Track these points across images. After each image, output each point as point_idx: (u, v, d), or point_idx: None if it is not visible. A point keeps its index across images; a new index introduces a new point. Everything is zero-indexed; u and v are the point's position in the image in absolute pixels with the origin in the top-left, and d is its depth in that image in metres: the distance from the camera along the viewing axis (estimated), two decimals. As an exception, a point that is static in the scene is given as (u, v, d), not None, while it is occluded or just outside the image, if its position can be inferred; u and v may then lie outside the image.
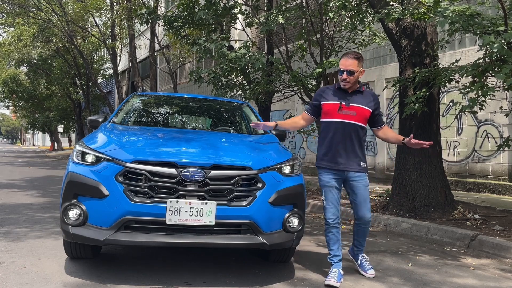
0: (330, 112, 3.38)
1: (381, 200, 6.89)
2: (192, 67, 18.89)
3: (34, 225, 5.03)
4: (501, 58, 4.36)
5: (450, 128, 8.89)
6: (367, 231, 3.50)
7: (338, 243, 3.38)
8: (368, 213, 3.40)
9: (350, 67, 3.30)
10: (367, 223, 3.44)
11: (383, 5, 5.37)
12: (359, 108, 3.36)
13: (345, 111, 3.34)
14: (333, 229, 3.36)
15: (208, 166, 3.04)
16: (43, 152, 34.92)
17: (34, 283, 3.04)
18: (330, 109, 3.38)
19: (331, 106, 3.38)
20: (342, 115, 3.34)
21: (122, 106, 4.68)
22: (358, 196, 3.37)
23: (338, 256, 3.37)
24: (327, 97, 3.43)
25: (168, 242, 2.98)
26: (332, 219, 3.34)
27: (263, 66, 7.20)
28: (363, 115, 3.37)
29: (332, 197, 3.36)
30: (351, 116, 3.34)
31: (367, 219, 3.42)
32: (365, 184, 3.39)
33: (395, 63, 8.90)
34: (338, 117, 3.35)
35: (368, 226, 3.46)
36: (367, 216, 3.40)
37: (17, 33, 22.19)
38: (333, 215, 3.35)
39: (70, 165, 3.23)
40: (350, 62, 3.31)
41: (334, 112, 3.36)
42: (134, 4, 15.87)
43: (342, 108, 3.34)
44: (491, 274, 3.65)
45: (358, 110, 3.35)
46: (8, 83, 30.05)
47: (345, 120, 3.34)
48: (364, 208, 3.38)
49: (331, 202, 3.36)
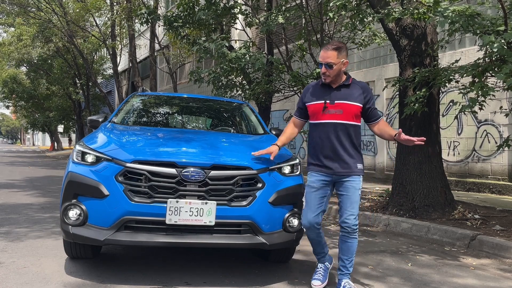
0: (315, 114, 3.09)
1: (381, 200, 6.90)
2: (192, 67, 18.89)
3: (34, 225, 5.03)
4: (501, 58, 4.36)
5: (450, 128, 8.89)
6: (351, 247, 3.01)
7: (321, 244, 3.18)
8: (353, 219, 2.97)
9: (329, 60, 2.98)
10: (352, 231, 2.98)
11: (383, 5, 5.37)
12: (346, 104, 3.02)
13: (330, 111, 3.02)
14: (312, 233, 3.09)
15: (208, 166, 3.04)
16: (43, 152, 34.91)
17: (34, 283, 3.04)
18: (315, 110, 3.09)
19: (316, 107, 3.08)
20: (328, 116, 3.03)
21: (122, 106, 4.68)
22: (345, 198, 3.01)
23: (323, 253, 3.23)
24: (311, 96, 3.13)
25: (168, 242, 2.98)
26: (308, 225, 3.04)
27: (263, 66, 7.20)
28: (351, 112, 3.02)
29: (313, 200, 3.04)
30: (338, 115, 3.01)
31: (351, 225, 2.97)
32: (355, 186, 3.01)
33: (395, 63, 8.90)
34: (324, 118, 3.04)
35: (352, 237, 3.00)
36: (350, 222, 2.96)
37: (17, 33, 22.19)
38: (308, 222, 3.03)
39: (70, 165, 3.23)
40: (328, 54, 2.98)
41: (319, 113, 3.06)
42: (134, 4, 15.87)
43: (327, 107, 3.03)
44: (491, 274, 3.66)
45: (344, 107, 3.01)
46: (8, 83, 30.05)
47: (331, 120, 3.02)
48: (348, 212, 2.98)
49: (311, 205, 3.04)
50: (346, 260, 3.04)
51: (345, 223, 2.99)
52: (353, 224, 2.98)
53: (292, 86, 8.16)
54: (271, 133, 4.35)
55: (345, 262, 3.04)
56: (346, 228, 2.99)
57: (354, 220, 2.98)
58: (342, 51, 3.02)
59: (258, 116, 4.75)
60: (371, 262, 3.91)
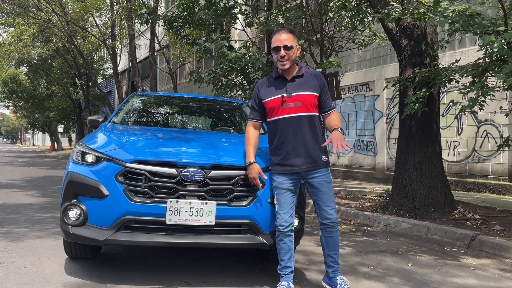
0: (274, 110, 2.95)
1: (381, 200, 6.90)
2: (192, 67, 18.89)
3: (34, 225, 5.03)
4: (501, 58, 4.36)
5: (450, 128, 8.89)
6: (337, 240, 2.99)
7: (290, 253, 2.97)
8: (334, 213, 2.96)
9: (286, 42, 2.86)
10: (334, 225, 2.95)
11: (383, 5, 5.38)
12: (304, 96, 2.91)
13: (289, 104, 2.90)
14: (285, 237, 2.95)
15: (208, 166, 3.04)
16: (43, 152, 34.92)
17: (34, 283, 3.04)
18: (273, 105, 2.95)
19: (273, 102, 2.94)
20: (287, 110, 2.90)
21: (122, 106, 4.68)
22: (320, 195, 2.95)
23: (289, 267, 2.97)
24: (266, 92, 2.99)
25: (168, 242, 2.98)
26: (284, 226, 2.93)
27: (263, 66, 7.20)
28: (310, 102, 2.92)
29: (285, 201, 2.95)
30: (297, 108, 2.90)
31: (333, 220, 2.94)
32: (326, 180, 2.94)
33: (395, 63, 8.89)
34: (283, 113, 2.91)
35: (335, 230, 2.97)
36: (333, 217, 2.94)
37: (17, 33, 22.19)
38: (285, 222, 2.93)
39: (70, 165, 3.23)
40: (285, 36, 2.87)
41: (278, 108, 2.93)
42: (134, 4, 15.86)
43: (285, 101, 2.90)
44: (491, 274, 3.65)
45: (303, 99, 2.90)
46: (8, 83, 30.05)
47: (291, 114, 2.90)
48: (327, 208, 2.94)
49: (284, 207, 2.95)
50: (334, 255, 3.01)
51: (328, 219, 2.96)
52: (335, 218, 2.97)
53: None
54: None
55: (333, 257, 3.01)
56: (329, 224, 2.96)
57: (335, 214, 2.98)
58: (295, 36, 2.94)
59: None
60: (371, 262, 3.91)
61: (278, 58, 2.92)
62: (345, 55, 10.44)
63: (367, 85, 10.72)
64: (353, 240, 4.76)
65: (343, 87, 10.77)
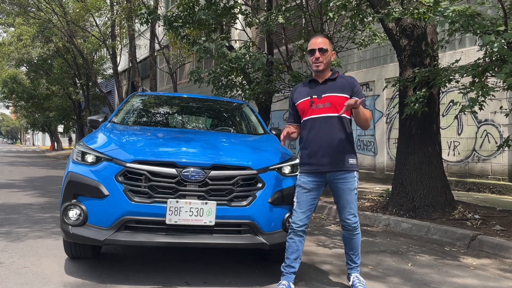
0: (304, 111, 3.05)
1: (381, 200, 6.90)
2: (192, 67, 18.88)
3: (34, 225, 5.03)
4: (501, 58, 4.36)
5: (450, 128, 8.89)
6: (355, 242, 3.08)
7: (297, 254, 3.02)
8: (352, 217, 3.01)
9: (322, 45, 2.99)
10: (353, 229, 3.04)
11: (383, 5, 5.38)
12: (334, 97, 2.97)
13: (318, 105, 2.99)
14: (296, 236, 3.01)
15: (208, 166, 3.04)
16: (43, 152, 34.91)
17: (34, 283, 3.04)
18: (303, 107, 3.06)
19: (304, 104, 3.05)
20: (316, 110, 2.99)
21: (122, 106, 4.68)
22: (341, 200, 3.01)
23: (293, 268, 3.02)
24: (298, 95, 3.11)
25: (168, 242, 2.97)
26: (298, 224, 2.99)
27: (263, 66, 7.20)
28: (340, 104, 2.95)
29: (305, 201, 3.01)
30: (326, 108, 2.96)
31: (351, 224, 3.02)
32: (351, 187, 2.98)
33: (395, 63, 8.89)
34: (312, 114, 3.01)
35: (354, 233, 3.06)
36: (350, 221, 3.01)
37: (17, 33, 22.18)
38: (300, 221, 2.99)
39: (70, 165, 3.23)
40: (320, 40, 3.02)
41: (308, 109, 3.03)
42: (134, 4, 15.86)
43: (314, 102, 2.99)
44: (491, 274, 3.65)
45: (332, 100, 2.96)
46: (8, 83, 30.03)
47: (319, 115, 2.98)
48: (346, 213, 3.01)
49: (302, 207, 3.01)
50: (352, 255, 3.12)
51: (345, 222, 3.06)
52: (353, 223, 3.04)
53: (292, 86, 8.16)
54: (271, 133, 4.35)
55: (351, 256, 3.13)
56: (346, 227, 3.07)
57: (353, 219, 3.03)
58: (331, 42, 3.08)
59: (258, 116, 4.75)
60: (371, 262, 3.91)
61: (313, 60, 3.02)
62: (345, 55, 10.44)
63: (367, 85, 10.71)
64: (353, 240, 4.76)
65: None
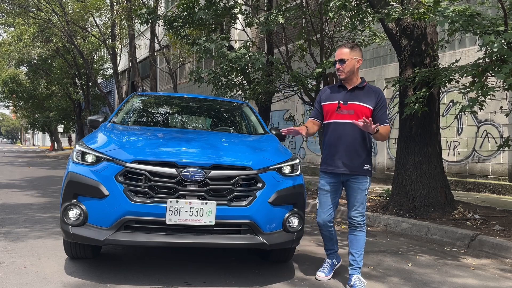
0: (329, 113, 3.26)
1: (381, 200, 6.90)
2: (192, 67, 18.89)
3: (34, 225, 5.03)
4: (501, 58, 4.36)
5: (450, 128, 8.89)
6: (360, 239, 3.21)
7: (333, 241, 3.39)
8: (358, 216, 3.20)
9: (341, 56, 3.20)
10: (358, 226, 3.21)
11: (383, 5, 5.37)
12: (358, 106, 3.15)
13: (343, 111, 3.18)
14: (325, 229, 3.34)
15: (208, 166, 3.04)
16: (43, 152, 34.91)
17: (34, 283, 3.04)
18: (329, 109, 3.26)
19: (330, 107, 3.26)
20: (340, 115, 3.19)
21: (122, 106, 4.67)
22: (351, 198, 3.23)
23: (333, 249, 3.43)
24: (327, 97, 3.32)
25: (168, 242, 2.97)
26: (323, 224, 3.30)
27: (263, 66, 7.20)
28: (362, 113, 3.13)
29: (325, 202, 3.28)
30: (349, 115, 3.15)
31: (357, 221, 3.20)
32: (362, 187, 3.18)
33: (395, 63, 8.89)
34: (336, 118, 3.21)
35: (359, 230, 3.21)
36: (357, 219, 3.20)
37: (17, 33, 22.19)
38: (322, 221, 3.29)
39: (70, 165, 3.23)
40: (340, 51, 3.23)
41: (333, 113, 3.23)
42: (134, 4, 15.86)
43: (340, 107, 3.19)
44: (491, 274, 3.65)
45: (356, 108, 3.15)
46: (8, 83, 30.05)
47: (342, 120, 3.17)
48: (354, 211, 3.21)
49: (324, 207, 3.29)
50: (355, 254, 3.21)
51: (351, 219, 3.25)
52: (359, 220, 3.22)
53: (292, 86, 8.16)
54: (271, 133, 4.35)
55: (354, 256, 3.21)
56: (352, 223, 3.25)
57: (360, 217, 3.22)
58: (354, 49, 3.23)
59: (258, 116, 4.75)
60: (371, 262, 3.91)
61: (336, 69, 3.26)
62: (345, 55, 10.42)
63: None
64: (353, 240, 4.76)
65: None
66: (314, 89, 7.74)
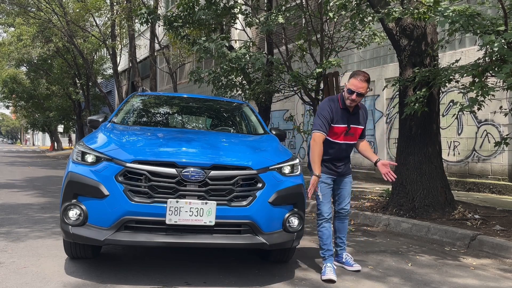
0: (337, 134, 3.51)
1: (381, 200, 6.90)
2: (192, 67, 18.88)
3: (34, 225, 5.03)
4: (501, 58, 4.36)
5: (450, 128, 8.89)
6: (346, 226, 3.76)
7: (331, 238, 3.55)
8: (348, 206, 3.70)
9: (361, 90, 3.39)
10: (346, 215, 3.71)
11: (383, 5, 5.37)
12: (357, 128, 3.58)
13: (349, 133, 3.54)
14: (327, 223, 3.53)
15: (208, 166, 3.04)
16: (43, 152, 34.91)
17: (34, 283, 3.04)
18: (338, 132, 3.51)
19: (340, 130, 3.50)
20: (345, 138, 3.53)
21: (122, 106, 4.67)
22: (343, 191, 3.66)
23: (331, 250, 3.53)
24: (337, 119, 3.49)
25: (168, 242, 2.97)
26: (328, 213, 3.53)
27: (263, 66, 7.20)
28: (358, 133, 3.62)
29: (327, 193, 3.56)
30: (350, 137, 3.56)
31: (347, 211, 3.70)
32: (351, 181, 3.75)
33: (395, 63, 8.89)
34: (342, 139, 3.53)
35: (347, 219, 3.75)
36: (348, 208, 3.70)
37: (17, 33, 22.19)
38: (329, 210, 3.54)
39: (70, 165, 3.23)
40: (362, 84, 3.37)
41: (341, 135, 3.52)
42: (134, 4, 15.86)
43: (349, 131, 3.53)
44: (491, 274, 3.65)
45: (356, 131, 3.58)
46: (8, 83, 30.04)
47: (345, 141, 3.55)
48: (346, 201, 3.67)
49: (326, 198, 3.54)
50: (343, 237, 3.76)
51: (344, 210, 3.68)
52: (349, 209, 3.73)
53: (292, 86, 8.16)
54: (271, 133, 4.35)
55: (342, 239, 3.76)
56: (343, 213, 3.69)
57: (349, 208, 3.73)
58: (369, 82, 3.47)
59: (258, 116, 4.75)
60: (371, 262, 3.91)
61: (350, 99, 3.42)
62: (345, 55, 10.44)
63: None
64: (353, 240, 4.76)
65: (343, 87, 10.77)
66: (314, 89, 7.73)
